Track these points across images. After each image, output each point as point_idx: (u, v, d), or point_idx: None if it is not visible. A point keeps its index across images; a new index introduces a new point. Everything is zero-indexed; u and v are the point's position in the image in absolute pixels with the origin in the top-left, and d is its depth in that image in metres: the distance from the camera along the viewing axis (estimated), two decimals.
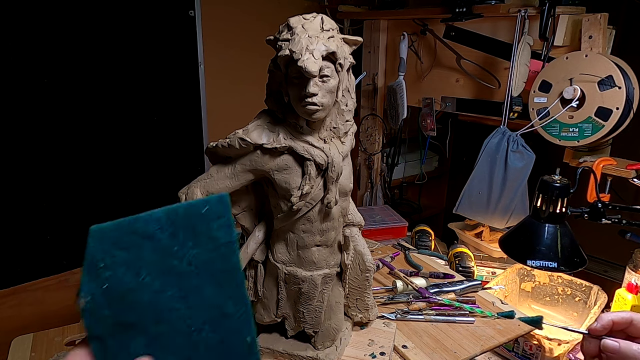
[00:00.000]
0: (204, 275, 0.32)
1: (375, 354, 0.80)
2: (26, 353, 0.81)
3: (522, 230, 1.00)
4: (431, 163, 2.27)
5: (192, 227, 0.31)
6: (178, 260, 0.31)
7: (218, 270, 0.32)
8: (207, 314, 0.32)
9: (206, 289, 0.32)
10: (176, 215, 0.31)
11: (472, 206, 1.48)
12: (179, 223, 0.31)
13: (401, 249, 1.29)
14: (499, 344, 0.88)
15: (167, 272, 0.31)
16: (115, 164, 1.51)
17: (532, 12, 1.29)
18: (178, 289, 0.31)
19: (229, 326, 0.32)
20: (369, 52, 1.80)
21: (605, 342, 0.54)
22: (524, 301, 1.43)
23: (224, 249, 0.32)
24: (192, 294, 0.31)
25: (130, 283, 0.30)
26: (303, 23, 0.64)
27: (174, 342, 0.31)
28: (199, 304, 0.32)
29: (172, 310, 0.31)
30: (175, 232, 0.31)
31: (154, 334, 0.30)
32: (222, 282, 0.32)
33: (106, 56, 1.42)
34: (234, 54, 1.73)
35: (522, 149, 1.37)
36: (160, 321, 0.31)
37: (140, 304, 0.30)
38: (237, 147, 0.71)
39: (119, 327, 0.30)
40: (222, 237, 0.32)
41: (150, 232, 0.30)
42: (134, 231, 0.30)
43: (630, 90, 1.15)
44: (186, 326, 0.31)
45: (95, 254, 0.29)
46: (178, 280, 0.31)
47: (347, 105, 0.72)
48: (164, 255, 0.30)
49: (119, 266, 0.29)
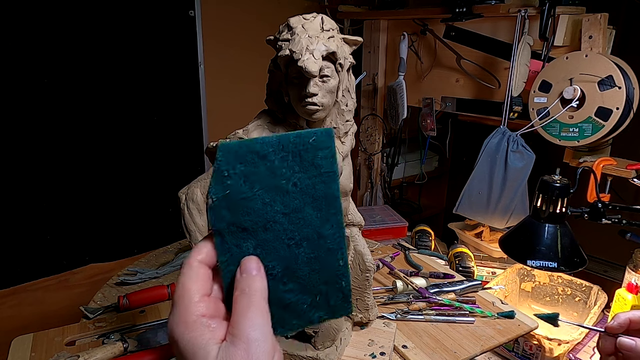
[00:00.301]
0: (305, 198, 0.37)
1: (375, 354, 0.80)
2: (26, 353, 0.81)
3: (522, 230, 1.00)
4: (431, 163, 2.27)
5: (300, 154, 0.36)
6: (285, 181, 0.36)
7: (318, 195, 0.37)
8: (305, 232, 0.37)
9: (306, 209, 0.37)
10: (287, 141, 0.35)
11: (472, 206, 1.48)
12: (288, 148, 0.35)
13: (401, 249, 1.29)
14: (499, 344, 0.88)
15: (275, 190, 0.35)
16: (115, 164, 1.51)
17: (532, 12, 1.29)
18: (283, 206, 0.36)
19: (324, 246, 0.38)
20: (369, 52, 1.80)
21: (622, 340, 0.54)
22: (524, 301, 1.43)
23: (326, 177, 0.37)
24: (294, 213, 0.36)
25: (246, 193, 0.35)
26: (303, 23, 0.64)
27: (276, 250, 0.36)
28: (299, 222, 0.37)
29: (277, 223, 0.36)
30: (285, 156, 0.35)
31: (261, 239, 0.36)
32: (321, 206, 0.37)
33: (106, 56, 1.42)
34: (234, 54, 1.73)
35: (522, 149, 1.37)
36: (267, 230, 0.36)
37: (252, 211, 0.35)
38: None
39: (235, 228, 0.35)
40: (325, 166, 0.37)
41: (265, 153, 0.35)
42: (253, 150, 0.34)
43: (630, 90, 1.15)
44: (287, 239, 0.37)
45: (222, 165, 0.34)
46: (283, 198, 0.36)
47: (347, 105, 0.72)
48: (274, 175, 0.35)
49: (238, 177, 0.34)
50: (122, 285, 1.06)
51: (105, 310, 0.95)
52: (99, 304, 0.98)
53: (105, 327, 0.89)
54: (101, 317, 0.92)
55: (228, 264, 0.36)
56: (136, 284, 1.07)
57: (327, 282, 0.38)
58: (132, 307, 0.95)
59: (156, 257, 1.21)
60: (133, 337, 0.85)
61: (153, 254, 1.23)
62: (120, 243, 1.58)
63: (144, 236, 1.62)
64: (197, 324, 0.34)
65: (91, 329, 0.88)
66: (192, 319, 0.34)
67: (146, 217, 1.62)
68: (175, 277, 1.11)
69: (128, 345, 0.82)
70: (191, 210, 0.74)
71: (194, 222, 0.74)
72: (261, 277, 0.36)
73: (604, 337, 0.57)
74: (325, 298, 0.39)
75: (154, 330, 0.88)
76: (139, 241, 1.62)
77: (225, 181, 0.34)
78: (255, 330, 0.33)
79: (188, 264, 0.36)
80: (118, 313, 0.94)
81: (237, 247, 0.35)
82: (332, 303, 0.39)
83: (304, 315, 0.39)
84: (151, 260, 1.20)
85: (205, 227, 0.76)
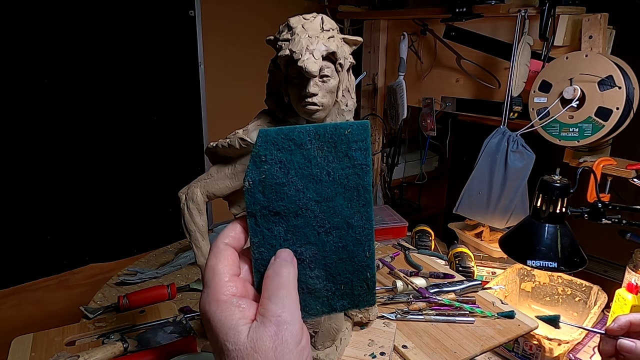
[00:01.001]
0: (337, 188, 0.37)
1: (375, 354, 0.80)
2: (26, 353, 0.81)
3: (522, 230, 1.00)
4: (431, 163, 2.27)
5: (335, 144, 0.37)
6: (319, 170, 0.37)
7: (350, 186, 0.38)
8: (335, 221, 0.38)
9: (338, 199, 0.38)
10: (324, 131, 0.36)
11: (472, 206, 1.48)
12: (324, 138, 0.36)
13: (401, 249, 1.29)
14: (499, 344, 0.88)
15: (309, 177, 0.36)
16: (115, 164, 1.51)
17: (532, 12, 1.29)
18: (315, 194, 0.37)
19: (352, 236, 0.38)
20: (369, 52, 1.80)
21: (622, 341, 0.55)
22: (524, 301, 1.43)
23: (359, 169, 0.38)
24: (325, 201, 0.37)
25: (281, 178, 0.36)
26: (303, 23, 0.64)
27: (306, 236, 0.37)
28: (330, 211, 0.38)
29: (308, 210, 0.37)
30: (320, 146, 0.36)
31: (292, 224, 0.37)
32: (352, 197, 0.38)
33: (106, 56, 1.42)
34: (234, 54, 1.73)
35: (522, 149, 1.37)
36: (298, 216, 0.37)
37: (286, 196, 0.36)
38: (237, 147, 0.71)
39: (268, 212, 0.36)
40: (358, 158, 0.37)
41: (302, 141, 0.36)
42: (290, 138, 0.35)
43: (630, 90, 1.15)
44: (317, 226, 0.37)
45: (260, 150, 0.35)
46: (316, 186, 0.37)
47: (347, 105, 0.72)
48: (309, 163, 0.36)
49: (275, 163, 0.36)
50: (122, 285, 1.07)
51: (105, 310, 0.95)
52: (99, 304, 0.98)
53: (105, 327, 0.89)
54: (101, 317, 0.92)
55: (259, 246, 0.37)
56: (136, 284, 1.07)
57: (353, 272, 0.39)
58: (132, 307, 0.95)
59: (156, 257, 1.21)
60: (133, 337, 0.85)
61: (153, 254, 1.23)
62: (120, 243, 1.58)
63: (144, 236, 1.62)
64: (227, 303, 0.35)
65: (91, 329, 0.88)
66: (224, 298, 0.35)
67: (146, 217, 1.62)
68: (176, 277, 1.11)
69: (128, 345, 0.82)
70: (191, 210, 0.74)
71: (194, 222, 0.74)
72: (294, 265, 0.37)
73: (604, 340, 0.58)
74: (350, 287, 0.40)
75: (154, 330, 0.88)
76: (139, 241, 1.62)
77: (262, 165, 0.35)
78: (285, 312, 0.34)
79: (216, 246, 0.37)
80: (118, 313, 0.94)
81: (269, 230, 0.37)
82: (356, 293, 0.40)
83: (328, 302, 0.40)
84: (151, 260, 1.20)
85: (205, 227, 0.76)
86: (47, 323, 0.94)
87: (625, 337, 0.55)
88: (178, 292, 1.02)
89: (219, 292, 0.35)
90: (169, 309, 0.96)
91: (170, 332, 0.87)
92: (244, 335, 0.34)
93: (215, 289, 0.36)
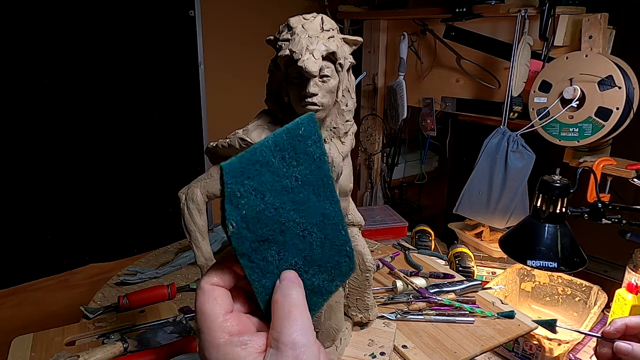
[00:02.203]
0: (307, 188, 0.37)
1: (375, 354, 0.80)
2: (26, 353, 0.81)
3: (522, 230, 1.00)
4: (431, 163, 2.27)
5: (294, 148, 0.36)
6: (288, 179, 0.36)
7: (316, 181, 0.38)
8: (314, 219, 0.38)
9: (310, 198, 0.38)
10: (282, 140, 0.35)
11: (472, 206, 1.48)
12: (283, 147, 0.36)
13: (401, 249, 1.29)
14: (499, 344, 0.88)
15: (282, 191, 0.36)
16: (115, 164, 1.51)
17: (532, 12, 1.29)
18: (292, 203, 0.36)
19: (329, 223, 0.39)
20: (369, 52, 1.80)
21: (618, 344, 0.55)
22: (524, 301, 1.43)
23: (318, 161, 0.38)
24: (301, 205, 0.37)
25: (259, 205, 0.34)
26: (303, 23, 0.64)
27: (295, 246, 0.37)
28: (307, 212, 0.37)
29: (290, 222, 0.36)
30: (282, 156, 0.36)
31: (280, 242, 0.36)
32: (320, 190, 0.38)
33: (106, 56, 1.42)
34: (234, 54, 1.73)
35: (522, 149, 1.37)
36: (284, 231, 0.36)
37: (268, 220, 0.35)
38: (237, 147, 0.71)
39: (258, 243, 0.35)
40: (316, 152, 0.38)
41: (267, 159, 0.35)
42: (256, 161, 0.34)
43: (630, 90, 1.15)
44: (300, 231, 0.37)
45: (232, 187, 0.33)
46: (290, 195, 0.36)
47: (347, 105, 0.72)
48: (278, 176, 0.35)
49: (249, 193, 0.34)
50: (122, 285, 1.06)
51: (105, 310, 0.95)
52: (99, 304, 0.98)
53: (105, 327, 0.89)
54: (101, 317, 0.92)
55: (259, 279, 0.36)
56: (136, 284, 1.07)
57: (337, 253, 0.40)
58: (132, 307, 0.95)
59: (156, 257, 1.21)
60: (133, 337, 0.85)
61: (153, 254, 1.23)
62: (120, 243, 1.58)
63: (144, 236, 1.62)
64: (228, 345, 0.33)
65: (91, 329, 0.88)
66: (222, 341, 0.33)
67: (146, 217, 1.62)
68: (176, 277, 1.11)
69: (128, 345, 0.82)
70: (191, 210, 0.74)
71: (194, 222, 0.74)
72: (300, 285, 0.36)
73: (601, 343, 0.58)
74: (338, 266, 0.41)
75: (154, 330, 0.88)
76: (139, 241, 1.62)
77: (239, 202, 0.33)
78: (301, 335, 0.33)
79: (201, 289, 0.35)
80: (118, 313, 0.94)
81: (263, 260, 0.35)
82: (343, 269, 0.41)
83: (326, 290, 0.40)
84: (151, 260, 1.20)
85: (205, 227, 0.76)
86: (47, 323, 0.94)
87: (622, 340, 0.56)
88: (178, 292, 1.02)
89: (215, 336, 0.33)
90: (169, 309, 0.96)
91: (170, 332, 0.87)
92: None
93: (211, 333, 0.33)
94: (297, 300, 0.35)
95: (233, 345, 0.33)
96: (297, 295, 0.35)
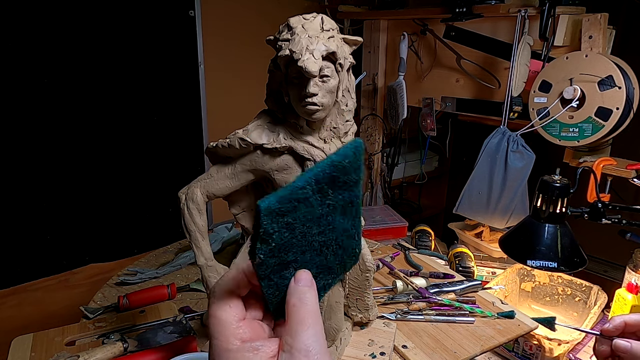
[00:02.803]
0: (336, 211, 0.37)
1: (375, 354, 0.80)
2: (26, 353, 0.81)
3: (522, 230, 1.00)
4: (431, 163, 2.27)
5: (333, 180, 0.36)
6: (320, 207, 0.36)
7: (346, 203, 0.37)
8: (334, 235, 0.38)
9: (336, 219, 0.37)
10: (323, 174, 0.35)
11: (472, 206, 1.48)
12: (323, 180, 0.35)
13: (401, 249, 1.29)
14: (499, 344, 0.88)
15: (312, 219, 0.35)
16: (115, 164, 1.51)
17: (532, 12, 1.29)
18: (318, 226, 0.36)
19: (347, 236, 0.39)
20: (369, 52, 1.80)
21: (617, 342, 0.55)
22: (524, 301, 1.43)
23: (353, 186, 0.37)
24: (327, 227, 0.37)
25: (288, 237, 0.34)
26: (303, 23, 0.64)
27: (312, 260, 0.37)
28: (331, 232, 0.37)
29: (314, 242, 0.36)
30: (321, 188, 0.35)
31: (300, 261, 0.36)
32: (348, 211, 0.38)
33: (106, 56, 1.42)
34: (234, 54, 1.73)
35: (522, 149, 1.37)
36: (305, 252, 0.36)
37: (293, 246, 0.35)
38: (237, 147, 0.71)
39: (280, 267, 0.35)
40: (353, 177, 0.37)
41: (305, 196, 0.34)
42: (293, 199, 0.34)
43: (630, 90, 1.15)
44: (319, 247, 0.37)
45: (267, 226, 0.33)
46: (319, 221, 0.36)
47: (347, 105, 0.72)
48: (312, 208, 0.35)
49: (282, 228, 0.34)
50: (122, 285, 1.06)
51: (105, 310, 0.95)
52: (99, 304, 0.98)
53: (105, 327, 0.89)
54: (101, 317, 0.92)
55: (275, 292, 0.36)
56: (136, 284, 1.07)
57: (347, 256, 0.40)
58: (132, 307, 0.95)
59: (156, 257, 1.21)
60: (133, 337, 0.85)
61: (153, 254, 1.23)
62: (120, 243, 1.58)
63: (144, 236, 1.62)
64: (240, 350, 0.34)
65: (91, 329, 0.88)
66: (235, 347, 0.34)
67: (146, 217, 1.62)
68: (176, 277, 1.11)
69: (128, 345, 0.82)
70: (191, 210, 0.74)
71: (194, 222, 0.74)
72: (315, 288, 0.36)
73: (600, 341, 0.58)
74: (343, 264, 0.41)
75: (154, 330, 0.88)
76: (139, 241, 1.62)
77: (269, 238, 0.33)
78: (315, 342, 0.33)
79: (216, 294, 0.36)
80: (118, 313, 0.94)
81: (281, 277, 0.35)
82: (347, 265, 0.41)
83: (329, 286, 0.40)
84: (151, 260, 1.20)
85: (205, 227, 0.76)
86: (47, 323, 0.94)
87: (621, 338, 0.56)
88: (178, 292, 1.02)
89: (228, 342, 0.34)
90: (169, 309, 0.96)
91: (170, 332, 0.87)
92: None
93: (224, 339, 0.34)
94: (313, 307, 0.35)
95: (245, 351, 0.33)
96: (313, 302, 0.35)
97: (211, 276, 0.76)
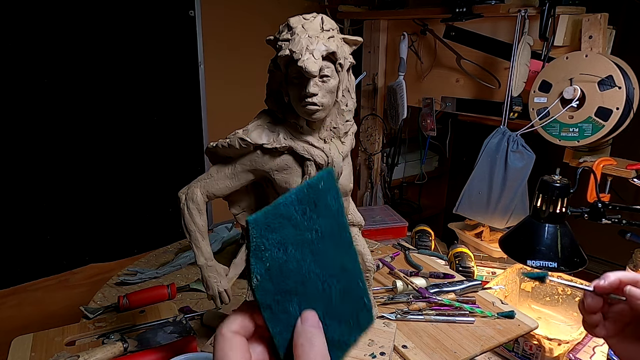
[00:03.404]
0: (327, 240, 0.38)
1: (375, 354, 0.80)
2: (26, 353, 0.81)
3: (522, 230, 0.99)
4: (431, 163, 2.27)
5: (314, 202, 0.37)
6: (309, 232, 0.37)
7: (335, 233, 0.38)
8: (332, 270, 0.38)
9: (329, 250, 0.38)
10: (303, 194, 0.36)
11: (472, 206, 1.48)
12: (305, 201, 0.36)
13: (401, 249, 1.29)
14: (499, 344, 0.88)
15: (303, 243, 0.36)
16: (115, 164, 1.51)
17: (532, 12, 1.29)
18: (312, 255, 0.37)
19: (348, 276, 0.40)
20: (369, 52, 1.80)
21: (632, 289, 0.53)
22: (524, 301, 1.43)
23: (337, 214, 0.39)
24: (321, 257, 0.37)
25: (282, 258, 0.35)
26: (303, 23, 0.64)
27: (315, 297, 0.37)
28: (327, 264, 0.38)
29: (311, 272, 0.37)
30: (303, 210, 0.36)
31: (301, 293, 0.36)
32: (338, 242, 0.39)
33: (106, 56, 1.42)
34: (234, 54, 1.73)
35: (522, 149, 1.37)
36: (304, 283, 0.36)
37: (290, 273, 0.36)
38: (237, 147, 0.71)
39: (280, 295, 0.35)
40: (334, 205, 0.38)
41: (290, 214, 0.35)
42: (279, 214, 0.35)
43: (630, 90, 1.15)
44: (320, 282, 0.37)
45: (257, 240, 0.34)
46: (311, 247, 0.37)
47: (347, 105, 0.72)
48: (300, 231, 0.36)
49: (274, 246, 0.34)
50: (122, 285, 1.06)
51: (105, 310, 0.95)
52: (99, 304, 0.98)
53: (105, 327, 0.89)
54: (101, 317, 0.92)
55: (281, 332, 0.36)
56: (136, 284, 1.07)
57: (355, 305, 0.40)
58: (132, 307, 0.95)
59: (156, 257, 1.21)
60: (133, 337, 0.85)
61: (153, 254, 1.23)
62: (120, 243, 1.58)
63: (144, 236, 1.62)
64: None
65: (91, 329, 0.88)
66: None
67: (146, 217, 1.62)
68: (176, 277, 1.11)
69: (128, 345, 0.82)
70: (191, 210, 0.74)
71: (194, 222, 0.74)
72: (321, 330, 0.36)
73: (589, 295, 0.57)
74: (356, 319, 0.40)
75: (154, 330, 0.88)
76: (139, 241, 1.62)
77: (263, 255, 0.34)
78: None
79: (221, 335, 0.35)
80: (118, 313, 0.94)
81: (285, 312, 0.36)
82: (362, 322, 0.41)
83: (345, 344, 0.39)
84: (151, 260, 1.20)
85: (205, 227, 0.76)
86: (47, 323, 0.93)
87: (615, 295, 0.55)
88: (178, 292, 1.02)
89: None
90: (169, 309, 0.96)
91: (170, 332, 0.87)
92: None
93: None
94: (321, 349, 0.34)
95: None
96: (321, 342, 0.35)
97: (211, 276, 0.76)
